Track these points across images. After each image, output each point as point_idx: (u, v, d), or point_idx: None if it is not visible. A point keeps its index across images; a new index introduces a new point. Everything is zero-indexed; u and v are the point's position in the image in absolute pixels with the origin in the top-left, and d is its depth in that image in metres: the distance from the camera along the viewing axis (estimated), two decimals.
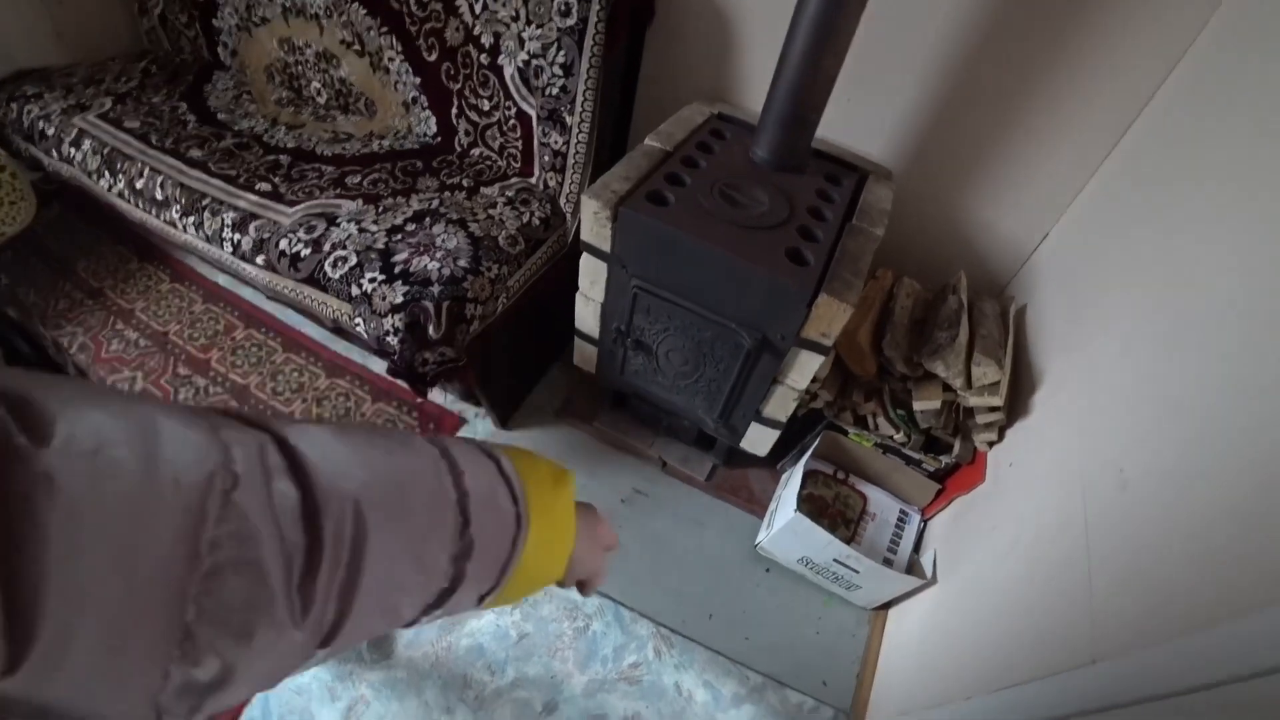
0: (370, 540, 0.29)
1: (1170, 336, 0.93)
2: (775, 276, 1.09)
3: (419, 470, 0.33)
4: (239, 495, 0.25)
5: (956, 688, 1.03)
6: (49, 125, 1.64)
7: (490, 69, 1.48)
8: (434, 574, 0.34)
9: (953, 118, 1.39)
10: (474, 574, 0.35)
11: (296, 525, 0.26)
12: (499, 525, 0.36)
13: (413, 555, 0.32)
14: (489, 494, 0.36)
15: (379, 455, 0.32)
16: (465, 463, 0.35)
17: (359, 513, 0.29)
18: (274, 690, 1.23)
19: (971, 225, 1.52)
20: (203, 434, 0.25)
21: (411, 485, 0.32)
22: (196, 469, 0.24)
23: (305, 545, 0.27)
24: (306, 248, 1.38)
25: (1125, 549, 0.83)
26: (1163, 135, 1.17)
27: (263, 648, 0.26)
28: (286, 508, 0.26)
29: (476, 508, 0.34)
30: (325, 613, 0.28)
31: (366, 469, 0.30)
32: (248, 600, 0.25)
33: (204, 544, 0.23)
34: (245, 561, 0.25)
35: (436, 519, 0.33)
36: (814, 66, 1.13)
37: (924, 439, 1.42)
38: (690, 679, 1.35)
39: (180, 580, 0.23)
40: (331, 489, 0.28)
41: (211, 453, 0.25)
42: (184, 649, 0.24)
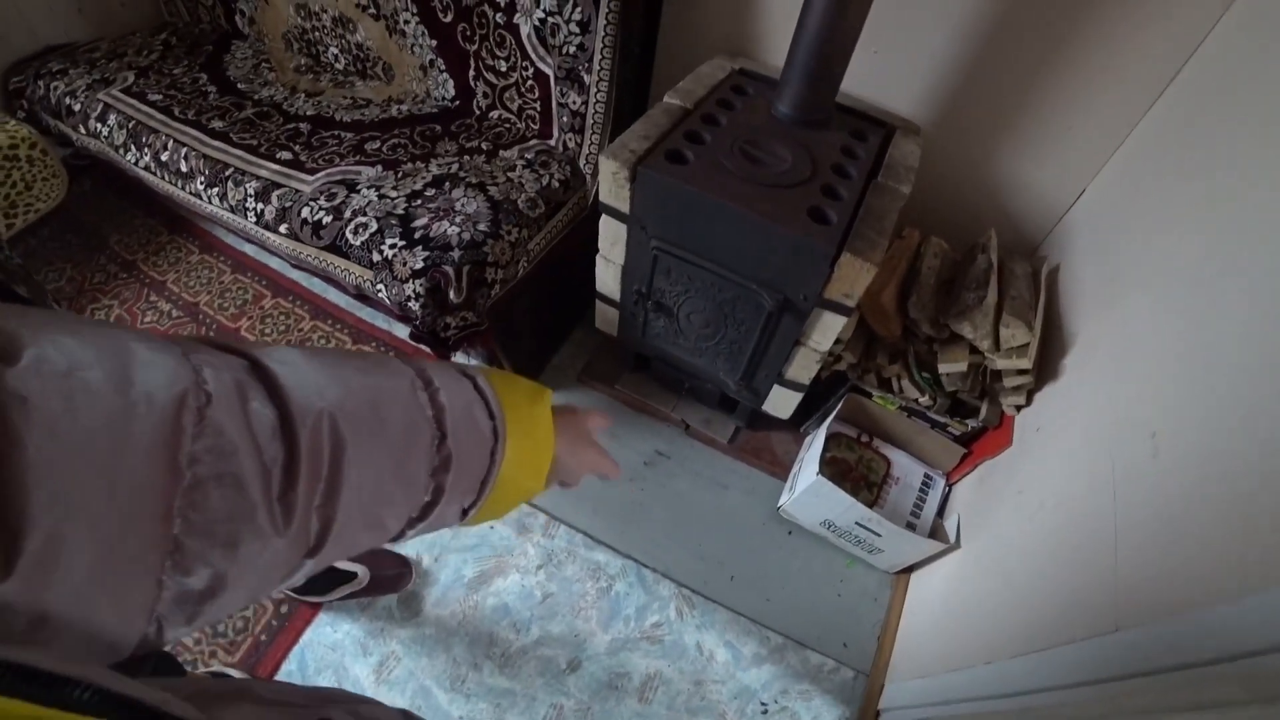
0: (348, 453, 0.30)
1: (1208, 300, 0.89)
2: (797, 235, 1.07)
3: (394, 387, 0.34)
4: (214, 412, 0.25)
5: (977, 652, 1.03)
6: (75, 101, 1.66)
7: (506, 28, 1.45)
8: (414, 486, 0.34)
9: (985, 70, 1.32)
10: (454, 487, 0.36)
11: (274, 439, 0.27)
12: (476, 440, 0.37)
13: (391, 468, 0.33)
14: (465, 410, 0.36)
15: (353, 373, 0.32)
16: (441, 381, 0.36)
17: (335, 427, 0.29)
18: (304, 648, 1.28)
19: (1003, 182, 1.47)
20: (174, 357, 0.26)
21: (387, 401, 0.33)
22: (169, 388, 0.24)
23: (283, 458, 0.27)
24: (328, 215, 1.38)
25: (1154, 516, 0.81)
26: (1212, 86, 1.10)
27: (249, 556, 0.27)
28: (263, 424, 0.27)
29: (453, 422, 0.35)
30: (309, 522, 0.29)
31: (341, 386, 0.31)
32: (231, 511, 0.26)
33: (183, 458, 0.24)
34: (225, 474, 0.25)
35: (413, 433, 0.34)
36: (839, 16, 1.09)
37: (949, 402, 1.39)
38: (711, 639, 1.37)
39: (163, 493, 0.24)
40: (306, 405, 0.28)
41: (183, 373, 0.25)
42: (174, 559, 0.25)
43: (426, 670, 1.28)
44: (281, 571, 0.30)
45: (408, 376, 0.35)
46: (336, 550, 0.32)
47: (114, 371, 0.23)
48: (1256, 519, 0.65)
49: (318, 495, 0.29)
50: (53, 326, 0.23)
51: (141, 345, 0.25)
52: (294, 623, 1.31)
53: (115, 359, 0.24)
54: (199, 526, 0.25)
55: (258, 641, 1.29)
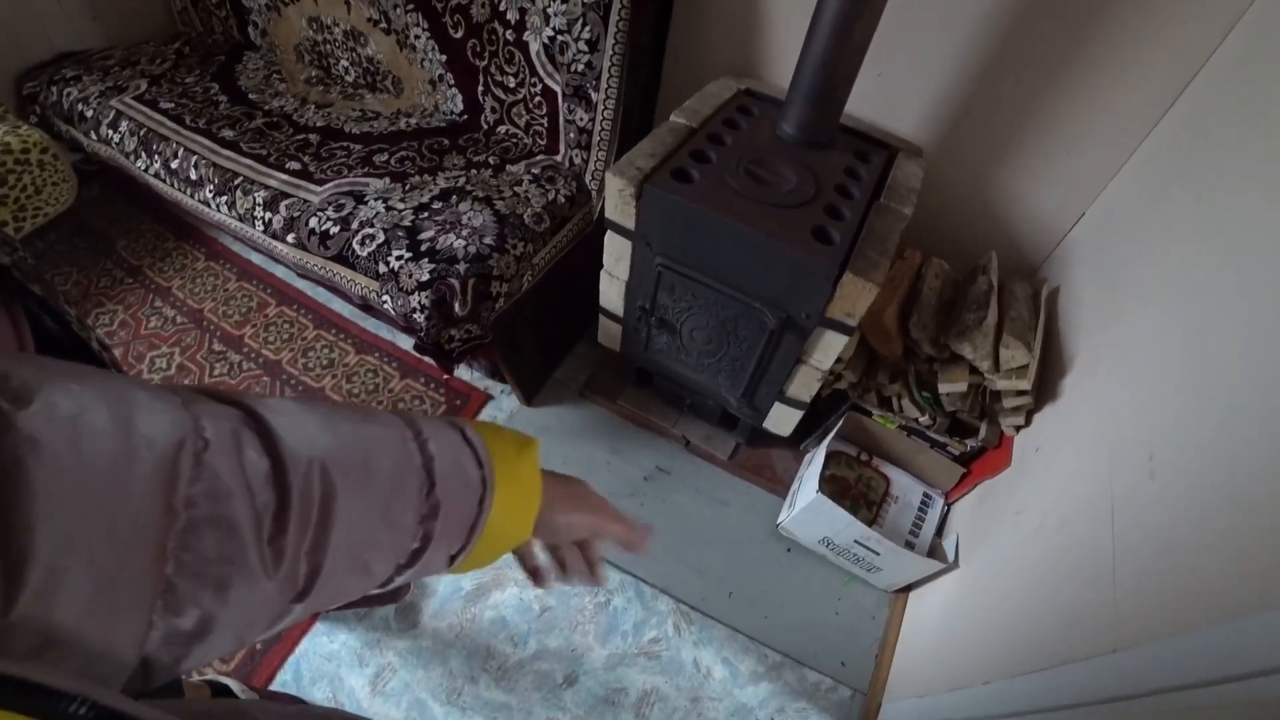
0: (338, 500, 0.31)
1: (1205, 323, 0.90)
2: (800, 255, 1.08)
3: (384, 436, 0.35)
4: (210, 458, 0.27)
5: (975, 672, 1.03)
6: (88, 107, 1.68)
7: (516, 45, 1.48)
8: (402, 533, 0.35)
9: (987, 93, 1.35)
10: (442, 534, 0.37)
11: (266, 486, 0.28)
12: (464, 488, 0.38)
13: (379, 514, 0.34)
14: (454, 459, 0.37)
15: (344, 424, 0.33)
16: (430, 431, 0.37)
17: (326, 474, 0.30)
18: (299, 653, 1.27)
19: (1004, 204, 1.49)
20: (174, 405, 0.27)
21: (377, 450, 0.34)
22: (169, 434, 0.26)
23: (275, 504, 0.28)
24: (335, 226, 1.40)
25: (1151, 537, 0.81)
26: (1213, 110, 1.12)
27: (238, 599, 0.28)
28: (257, 471, 0.28)
29: (442, 471, 0.36)
30: (298, 567, 0.30)
31: (333, 436, 0.32)
32: (222, 554, 0.27)
33: (179, 501, 0.25)
34: (219, 517, 0.26)
35: (402, 481, 0.35)
36: (844, 39, 1.11)
37: (949, 422, 1.40)
38: (709, 656, 1.36)
39: (158, 534, 0.25)
40: (298, 454, 0.30)
41: (183, 420, 0.27)
42: (166, 600, 0.25)
43: (422, 682, 1.27)
44: (269, 616, 0.31)
45: (398, 427, 0.36)
46: (324, 595, 0.33)
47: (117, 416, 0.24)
48: (1255, 539, 0.66)
49: (307, 540, 0.30)
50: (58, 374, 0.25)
51: (144, 393, 0.26)
52: (290, 632, 1.30)
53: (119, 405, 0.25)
54: (191, 567, 0.26)
55: (253, 651, 1.28)
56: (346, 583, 0.34)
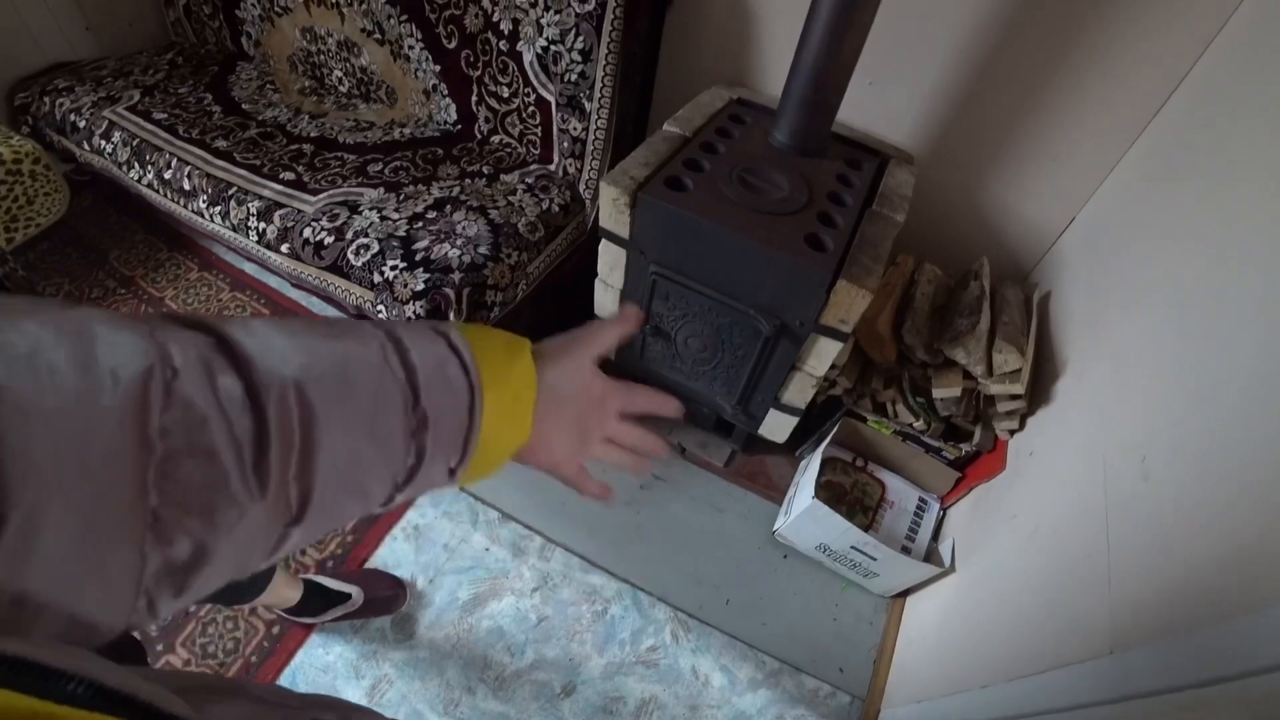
0: (318, 419, 0.30)
1: (1196, 326, 0.91)
2: (793, 262, 1.09)
3: (362, 351, 0.34)
4: (181, 385, 0.26)
5: (973, 676, 1.03)
6: (80, 118, 1.68)
7: (509, 55, 1.48)
8: (392, 449, 0.34)
9: (977, 100, 1.36)
10: (436, 446, 0.36)
11: (242, 411, 0.27)
12: (452, 396, 0.36)
13: (365, 431, 0.33)
14: (438, 367, 0.36)
15: (319, 341, 0.32)
16: (411, 340, 0.36)
17: (303, 395, 0.30)
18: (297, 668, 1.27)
19: (995, 210, 1.50)
20: (138, 334, 0.26)
21: (355, 365, 0.33)
22: (134, 364, 0.25)
23: (252, 429, 0.28)
24: (329, 236, 1.40)
25: (1147, 539, 0.82)
26: (1198, 117, 1.14)
27: (227, 523, 0.27)
28: (231, 397, 0.27)
29: (426, 381, 0.35)
30: (287, 491, 0.30)
31: (307, 353, 0.31)
32: (204, 481, 0.26)
33: (153, 431, 0.25)
34: (197, 445, 0.26)
35: (384, 395, 0.34)
36: (835, 48, 1.12)
37: (944, 427, 1.41)
38: (707, 663, 1.36)
39: (136, 466, 0.24)
40: (272, 375, 0.29)
41: (149, 349, 0.26)
42: (155, 531, 0.25)
43: (419, 694, 1.27)
44: (265, 541, 0.30)
45: (377, 339, 0.35)
46: (322, 519, 0.32)
47: (77, 351, 0.24)
48: (1250, 539, 0.67)
49: (292, 464, 0.29)
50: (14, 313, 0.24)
51: (104, 325, 0.25)
52: (285, 644, 1.29)
53: (78, 339, 0.24)
54: (174, 497, 0.25)
55: (248, 663, 1.27)
56: (343, 505, 0.34)
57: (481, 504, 1.51)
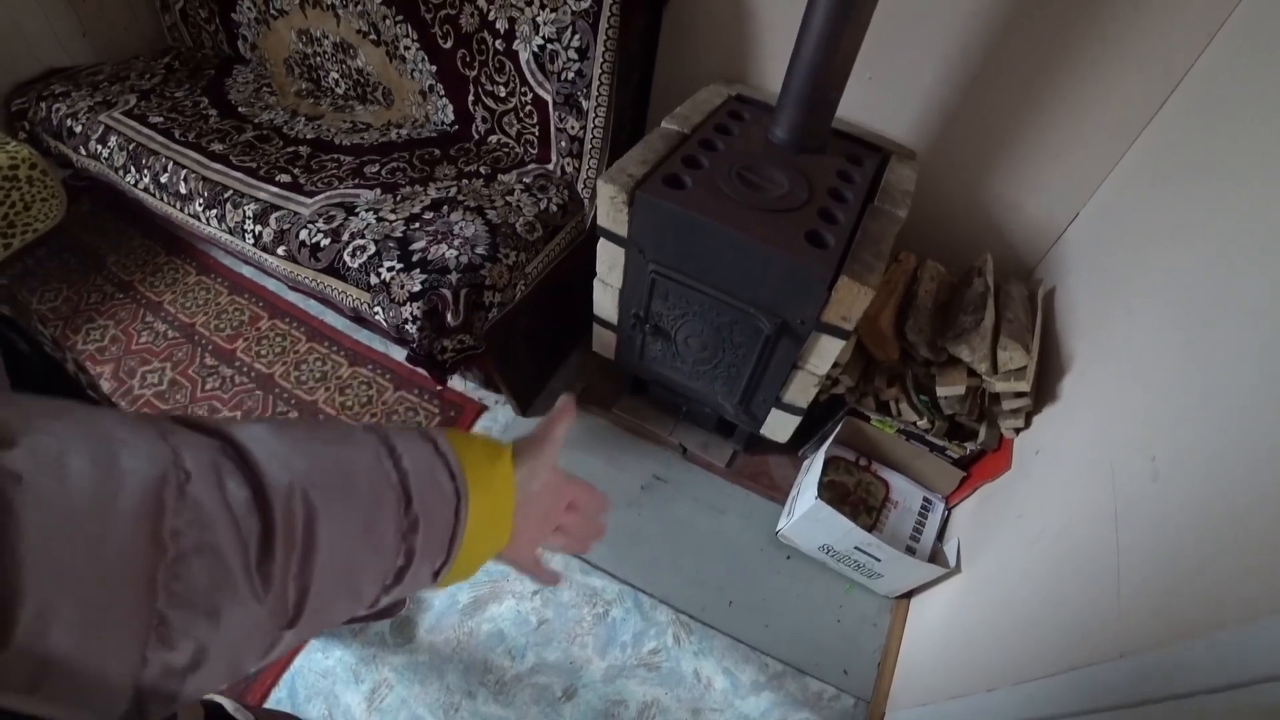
0: (320, 521, 0.31)
1: (1206, 323, 0.90)
2: (794, 259, 1.07)
3: (358, 455, 0.35)
4: (193, 489, 0.27)
5: (979, 679, 1.01)
6: (77, 123, 1.67)
7: (506, 55, 1.47)
8: (385, 551, 0.36)
9: (979, 95, 1.34)
10: (424, 548, 0.37)
11: (250, 513, 0.28)
12: (440, 500, 0.38)
13: (362, 533, 0.34)
14: (428, 473, 0.38)
15: (319, 446, 0.34)
16: (403, 446, 0.37)
17: (306, 498, 0.31)
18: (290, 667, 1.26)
19: (998, 206, 1.48)
20: (153, 439, 0.27)
21: (354, 470, 0.34)
22: (151, 467, 0.26)
23: (259, 529, 0.29)
24: (326, 238, 1.39)
25: (1157, 540, 0.80)
26: (1200, 114, 1.12)
27: (230, 626, 0.28)
28: (239, 500, 0.28)
29: (417, 485, 0.36)
30: (287, 592, 0.30)
31: (309, 458, 0.33)
32: (212, 582, 0.27)
33: (166, 533, 0.25)
34: (206, 546, 0.27)
35: (380, 498, 0.35)
36: (833, 44, 1.10)
37: (948, 425, 1.39)
38: (709, 666, 1.35)
39: (147, 567, 0.25)
40: (278, 479, 0.30)
41: (163, 452, 0.27)
42: (159, 633, 0.25)
43: (419, 698, 1.25)
44: (261, 644, 0.31)
45: (372, 445, 0.36)
46: (314, 621, 0.33)
47: (100, 453, 0.25)
48: (1263, 541, 0.65)
49: (294, 564, 0.30)
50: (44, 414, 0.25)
51: (123, 429, 0.27)
52: None
53: (100, 441, 0.25)
54: (182, 598, 0.26)
55: None
56: (335, 606, 0.34)
57: None
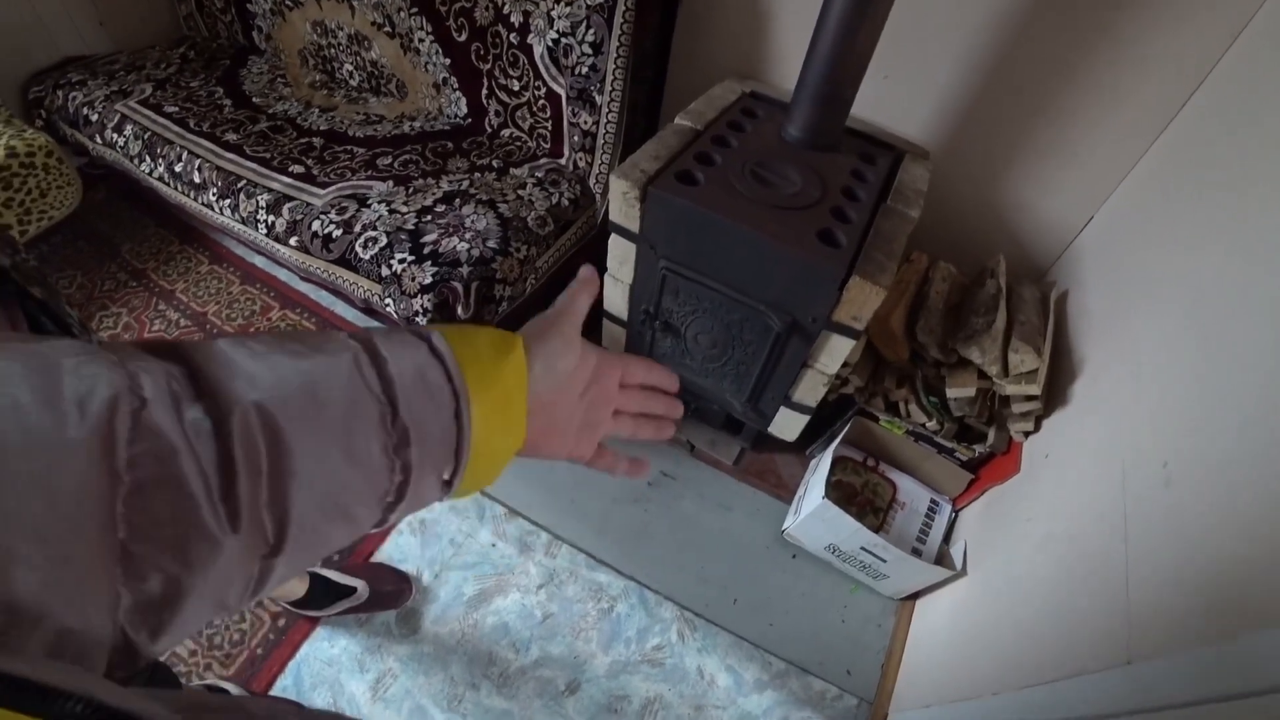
0: (286, 443, 0.29)
1: (1222, 329, 0.89)
2: (806, 258, 1.07)
3: (331, 366, 0.32)
4: (149, 416, 0.25)
5: (983, 683, 1.01)
6: (93, 111, 1.68)
7: (520, 48, 1.47)
8: (373, 468, 0.33)
9: (995, 95, 1.33)
10: (423, 460, 0.34)
11: (208, 441, 0.27)
12: (435, 406, 0.35)
13: (339, 452, 0.31)
14: (417, 376, 0.34)
15: (284, 359, 0.31)
16: (389, 349, 0.34)
17: (268, 418, 0.29)
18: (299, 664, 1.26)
19: (1012, 207, 1.47)
20: (105, 364, 0.26)
21: (324, 383, 0.31)
22: (100, 395, 0.24)
23: (217, 459, 0.27)
24: (338, 229, 1.39)
25: (1167, 546, 0.80)
26: (1220, 117, 1.11)
27: (200, 559, 0.27)
28: (197, 426, 0.27)
29: (404, 392, 0.33)
30: (261, 522, 0.29)
31: (271, 374, 0.30)
32: (174, 514, 0.26)
33: (120, 463, 0.24)
34: (165, 478, 0.25)
35: (357, 412, 0.32)
36: (849, 41, 1.10)
37: (957, 427, 1.38)
38: (713, 663, 1.35)
39: (105, 499, 0.24)
40: (234, 400, 0.28)
41: (115, 379, 0.25)
42: (125, 567, 0.24)
43: (423, 689, 1.26)
44: (244, 576, 0.29)
45: (349, 352, 0.33)
46: (305, 549, 0.31)
47: (41, 385, 0.23)
48: (1275, 550, 0.64)
49: (263, 492, 0.29)
50: None
51: (68, 357, 0.25)
52: (291, 637, 1.29)
53: (41, 373, 0.24)
54: (144, 531, 0.25)
55: (254, 655, 1.27)
56: (328, 532, 0.32)
57: (488, 499, 1.50)
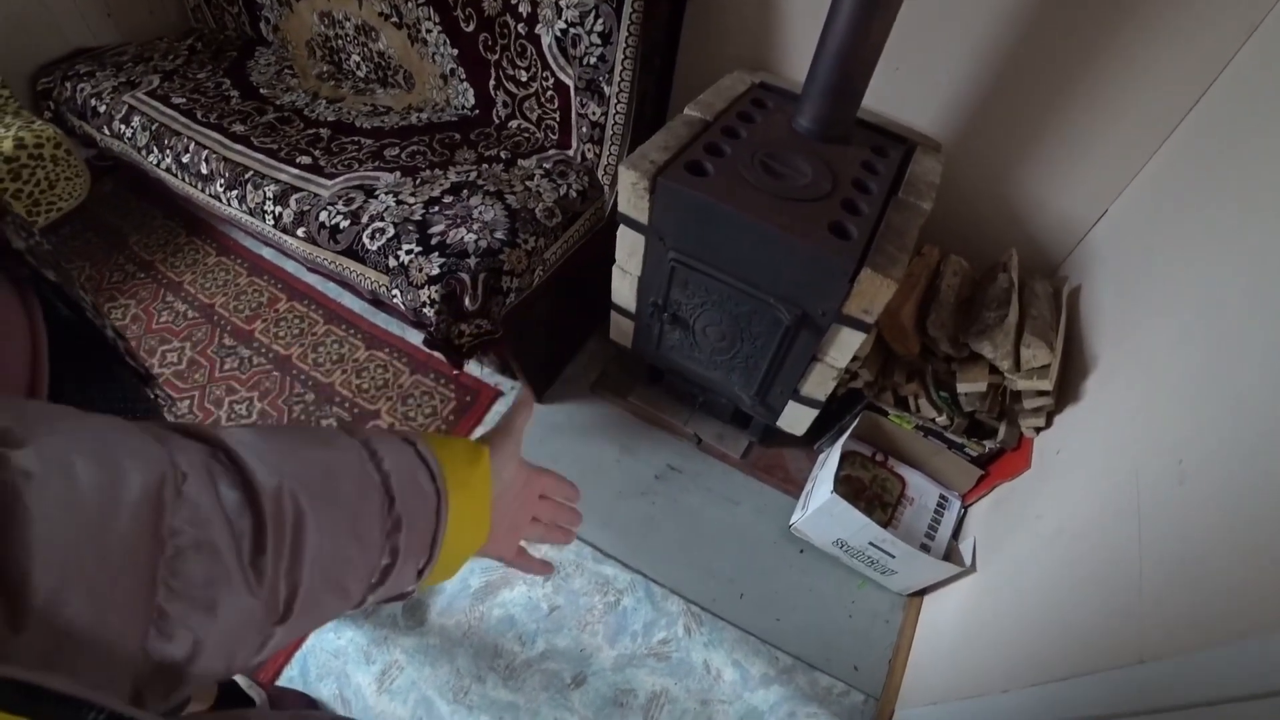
0: (307, 520, 0.33)
1: (1238, 324, 0.87)
2: (816, 250, 1.06)
3: (343, 458, 0.37)
4: (189, 489, 0.29)
5: (992, 680, 1.00)
6: (101, 103, 1.68)
7: (528, 39, 1.46)
8: (371, 549, 0.37)
9: (1008, 87, 1.31)
10: (408, 547, 0.39)
11: (242, 512, 0.31)
12: (421, 500, 0.40)
13: (348, 532, 0.36)
14: (410, 474, 0.40)
15: (304, 449, 0.36)
16: (384, 449, 0.39)
17: (295, 498, 0.33)
18: (307, 647, 1.27)
19: (1025, 201, 1.45)
20: (150, 441, 0.29)
21: (338, 471, 0.36)
22: (151, 466, 0.28)
23: (251, 528, 0.31)
24: (345, 220, 1.39)
25: (1181, 545, 0.78)
26: (1241, 107, 1.09)
27: (225, 619, 0.29)
28: (231, 499, 0.30)
29: (399, 486, 0.38)
30: (278, 588, 0.32)
31: (296, 461, 0.35)
32: (208, 576, 0.29)
33: (165, 530, 0.27)
34: (203, 543, 0.28)
35: (364, 498, 0.37)
36: (862, 31, 1.08)
37: (967, 422, 1.37)
38: (719, 657, 1.34)
39: (149, 562, 0.26)
40: (267, 480, 0.32)
41: (161, 454, 0.29)
42: (158, 626, 0.27)
43: (429, 680, 1.26)
44: (254, 638, 0.32)
45: (355, 448, 0.38)
46: (305, 618, 0.35)
47: (102, 451, 0.27)
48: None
49: (284, 560, 0.32)
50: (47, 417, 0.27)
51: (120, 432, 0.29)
52: None
53: (102, 442, 0.27)
54: (180, 592, 0.27)
55: None
56: (325, 603, 0.36)
57: None
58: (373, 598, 0.40)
